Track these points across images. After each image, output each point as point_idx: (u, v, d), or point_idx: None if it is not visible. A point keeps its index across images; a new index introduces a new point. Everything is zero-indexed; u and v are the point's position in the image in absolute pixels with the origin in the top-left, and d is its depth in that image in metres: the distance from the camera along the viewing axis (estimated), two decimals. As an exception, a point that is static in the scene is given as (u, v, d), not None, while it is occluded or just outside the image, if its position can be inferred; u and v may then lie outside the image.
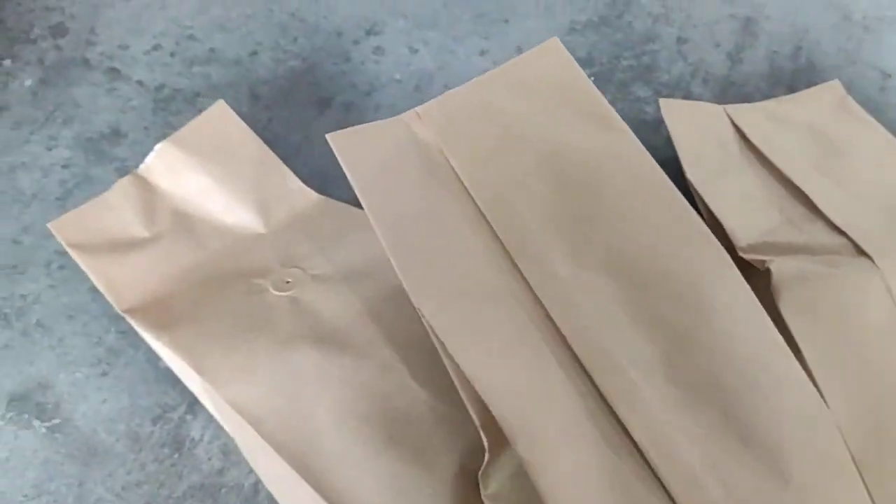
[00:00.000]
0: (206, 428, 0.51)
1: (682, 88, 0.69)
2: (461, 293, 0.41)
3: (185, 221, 0.54)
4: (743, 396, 0.40)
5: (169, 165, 0.55)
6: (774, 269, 0.48)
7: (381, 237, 0.42)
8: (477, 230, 0.43)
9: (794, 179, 0.55)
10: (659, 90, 0.69)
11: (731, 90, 0.69)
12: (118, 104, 0.67)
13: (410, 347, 0.45)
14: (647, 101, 0.68)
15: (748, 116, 0.61)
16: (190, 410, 0.52)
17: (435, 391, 0.44)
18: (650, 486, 0.38)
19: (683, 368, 0.41)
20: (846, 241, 0.51)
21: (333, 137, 0.45)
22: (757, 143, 0.58)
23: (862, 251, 0.50)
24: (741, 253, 0.51)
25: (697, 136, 0.59)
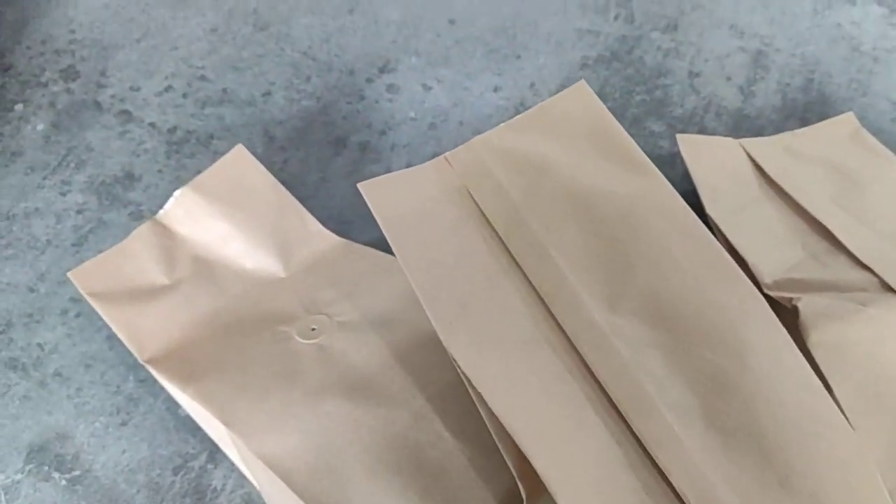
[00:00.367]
0: (227, 477, 0.51)
1: (695, 122, 0.69)
2: (495, 340, 0.41)
3: (205, 268, 0.53)
4: (781, 440, 0.40)
5: (188, 211, 0.54)
6: (802, 307, 0.48)
7: (413, 284, 0.42)
8: (510, 276, 0.43)
9: (814, 214, 0.55)
10: (673, 124, 0.69)
11: (744, 123, 0.69)
12: (131, 147, 0.66)
13: (442, 396, 0.45)
14: (661, 135, 0.68)
15: (765, 150, 0.61)
16: (211, 459, 0.51)
17: (468, 440, 0.43)
18: (691, 533, 0.38)
19: (722, 413, 0.40)
20: (872, 276, 0.51)
21: (365, 187, 0.45)
22: (775, 177, 0.58)
23: (889, 287, 0.50)
24: (766, 290, 0.50)
25: (715, 170, 0.59)
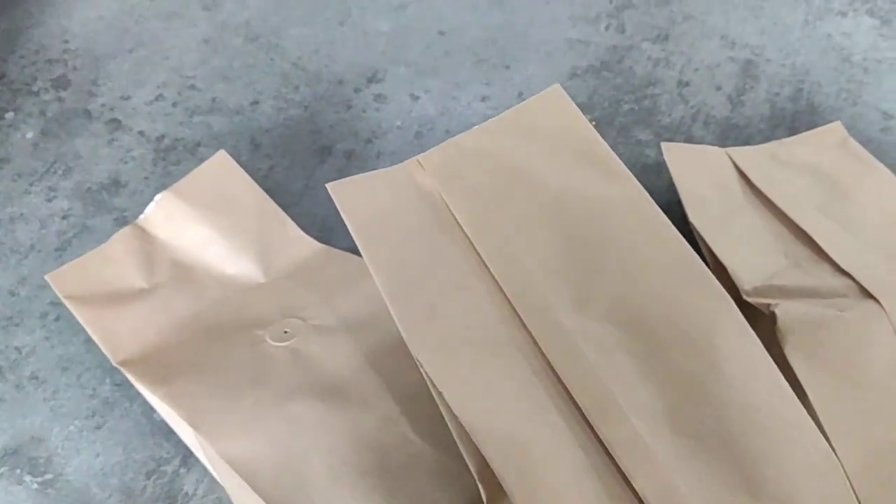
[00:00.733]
0: (199, 482, 0.50)
1: (683, 132, 0.69)
2: (461, 343, 0.40)
3: (184, 272, 0.54)
4: (750, 446, 0.39)
5: (169, 216, 0.55)
6: (780, 312, 0.47)
7: (380, 286, 0.42)
8: (479, 279, 0.43)
9: (798, 222, 0.55)
10: (660, 133, 0.69)
11: (732, 132, 0.69)
12: (118, 154, 0.67)
13: (412, 399, 0.44)
14: (648, 144, 0.68)
15: (751, 159, 0.60)
16: (184, 464, 0.51)
17: (435, 443, 0.43)
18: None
19: (689, 418, 0.40)
20: (852, 282, 0.50)
21: (333, 187, 0.45)
22: (760, 185, 0.58)
23: (868, 293, 0.49)
24: (745, 296, 0.50)
25: (700, 179, 0.58)
